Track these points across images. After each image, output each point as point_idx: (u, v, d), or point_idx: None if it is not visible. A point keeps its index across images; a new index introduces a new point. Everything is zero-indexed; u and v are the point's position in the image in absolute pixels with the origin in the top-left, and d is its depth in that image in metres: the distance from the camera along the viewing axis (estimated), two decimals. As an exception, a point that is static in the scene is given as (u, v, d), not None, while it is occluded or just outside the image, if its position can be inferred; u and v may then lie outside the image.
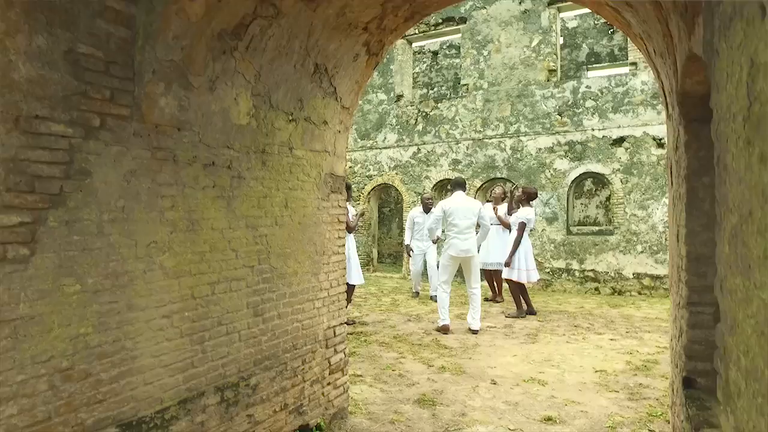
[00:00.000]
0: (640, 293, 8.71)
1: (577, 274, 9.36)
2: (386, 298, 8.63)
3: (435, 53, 15.68)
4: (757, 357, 0.75)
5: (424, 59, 15.83)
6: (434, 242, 8.14)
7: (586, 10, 13.45)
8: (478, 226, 6.25)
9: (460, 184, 6.24)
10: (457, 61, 14.45)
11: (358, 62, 3.29)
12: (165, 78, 2.21)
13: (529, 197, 7.11)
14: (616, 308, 7.55)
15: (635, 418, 3.47)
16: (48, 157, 1.79)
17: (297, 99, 3.00)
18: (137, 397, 2.08)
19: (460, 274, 10.23)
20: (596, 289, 9.13)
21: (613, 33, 12.79)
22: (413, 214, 8.64)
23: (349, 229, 6.43)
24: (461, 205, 6.05)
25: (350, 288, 6.60)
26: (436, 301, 8.17)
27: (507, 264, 6.83)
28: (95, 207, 1.95)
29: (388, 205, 16.03)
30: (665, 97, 2.43)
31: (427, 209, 8.41)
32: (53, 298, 1.80)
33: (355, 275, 6.49)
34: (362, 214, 6.55)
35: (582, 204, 12.78)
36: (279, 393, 2.87)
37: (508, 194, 8.33)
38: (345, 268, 3.48)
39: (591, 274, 9.22)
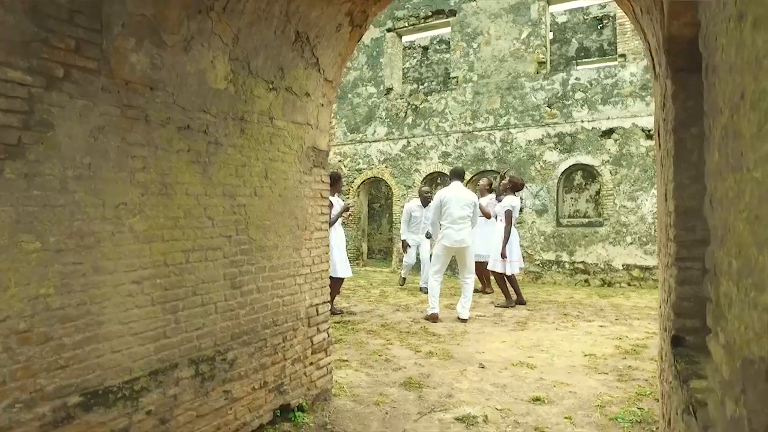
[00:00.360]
0: (629, 284, 8.70)
1: (566, 266, 9.33)
2: (375, 290, 8.55)
3: (425, 48, 15.64)
4: (750, 247, 0.68)
5: (415, 54, 15.79)
6: (427, 237, 8.05)
7: (576, 4, 13.49)
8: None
9: (458, 174, 6.17)
10: (448, 56, 14.42)
11: (341, 33, 3.21)
12: (136, 33, 2.12)
13: (514, 187, 7.02)
14: (606, 298, 7.53)
15: (624, 398, 3.41)
16: (4, 104, 1.68)
17: (278, 67, 2.91)
18: (104, 365, 1.98)
19: (451, 267, 10.18)
20: (586, 280, 9.11)
21: (602, 28, 12.82)
22: (410, 207, 8.55)
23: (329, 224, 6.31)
24: (457, 195, 5.98)
25: (338, 280, 6.51)
26: (425, 292, 8.11)
27: (503, 255, 6.73)
28: (58, 162, 1.85)
29: (378, 201, 15.95)
30: (652, 58, 2.37)
31: (425, 202, 8.31)
32: (9, 254, 1.69)
33: (342, 267, 6.39)
34: (347, 209, 6.43)
35: (572, 198, 12.78)
36: (258, 370, 2.77)
37: (496, 181, 8.25)
38: (328, 246, 3.40)
39: (581, 265, 9.20)
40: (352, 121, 12.14)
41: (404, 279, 8.82)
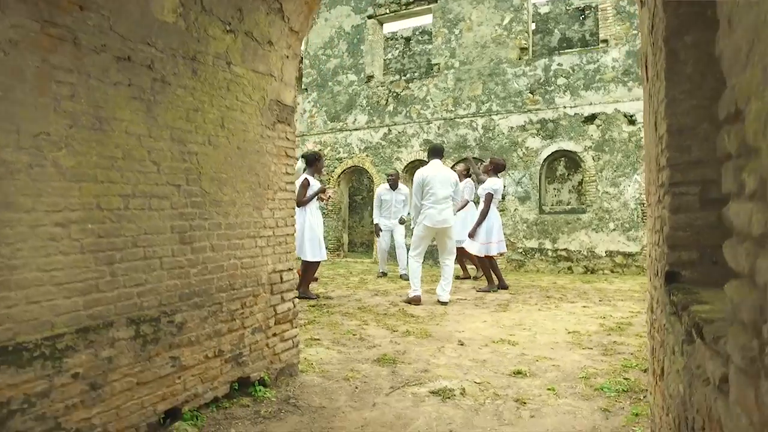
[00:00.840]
0: (612, 271, 8.60)
1: (549, 253, 9.20)
2: (354, 278, 8.30)
3: (407, 39, 15.45)
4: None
5: (397, 45, 15.58)
6: (401, 222, 7.85)
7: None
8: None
9: (437, 152, 5.93)
10: (430, 46, 14.24)
11: (307, -23, 2.97)
12: (60, -59, 1.85)
13: (496, 168, 6.85)
14: (589, 283, 7.40)
15: (609, 370, 3.23)
16: None
17: (236, 8, 2.65)
18: (15, 317, 1.70)
19: (432, 256, 9.97)
20: (569, 268, 8.99)
21: (584, 19, 12.77)
22: (380, 191, 8.37)
23: (299, 203, 6.06)
24: (439, 174, 5.75)
25: (313, 264, 6.25)
26: (405, 279, 7.89)
27: (470, 235, 6.56)
28: (-43, 74, 1.57)
29: (360, 193, 15.70)
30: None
31: (393, 186, 8.15)
32: None
33: (317, 251, 6.12)
34: (323, 190, 6.17)
35: (555, 189, 12.69)
36: (212, 337, 2.51)
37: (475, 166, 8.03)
38: (294, 208, 3.15)
39: (564, 253, 9.08)
40: (333, 110, 11.88)
41: (384, 273, 8.58)
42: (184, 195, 2.37)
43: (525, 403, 2.71)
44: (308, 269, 6.26)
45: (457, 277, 7.93)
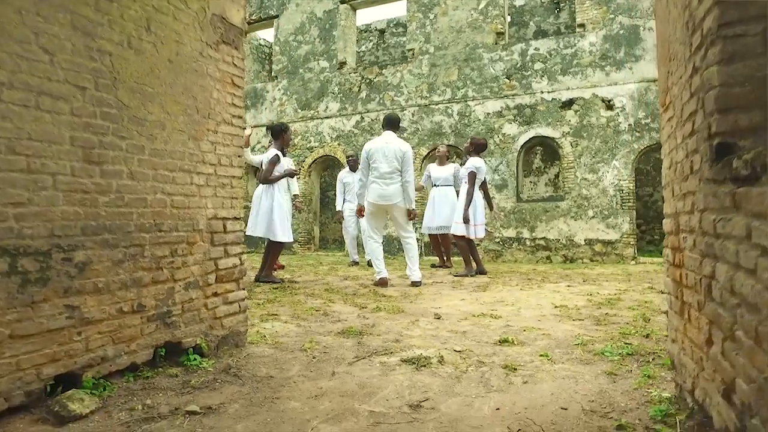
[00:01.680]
0: (592, 260, 8.33)
1: (527, 243, 8.89)
2: (324, 267, 7.79)
3: (382, 32, 15.11)
4: None
5: (371, 38, 15.23)
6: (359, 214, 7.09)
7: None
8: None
9: (391, 122, 5.39)
10: (405, 39, 13.92)
11: None
12: None
13: (477, 148, 6.50)
14: (570, 270, 7.08)
15: (606, 337, 2.83)
16: None
17: None
18: None
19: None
20: (548, 257, 8.68)
21: (559, 11, 12.66)
22: (341, 175, 7.97)
23: (265, 180, 5.57)
24: (385, 146, 5.23)
25: (278, 245, 5.74)
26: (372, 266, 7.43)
27: (465, 220, 6.13)
28: None
29: (333, 188, 15.19)
30: None
31: (353, 168, 7.74)
32: None
33: (284, 232, 5.62)
34: (292, 174, 5.70)
35: (531, 183, 12.46)
36: (129, 286, 2.00)
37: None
38: (242, 147, 2.66)
39: (542, 242, 8.77)
40: (303, 98, 11.38)
41: (355, 262, 8.10)
42: (92, 102, 1.86)
43: (515, 369, 2.27)
44: (274, 250, 5.74)
45: (432, 266, 7.50)
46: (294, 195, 6.79)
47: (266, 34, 14.45)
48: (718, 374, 1.16)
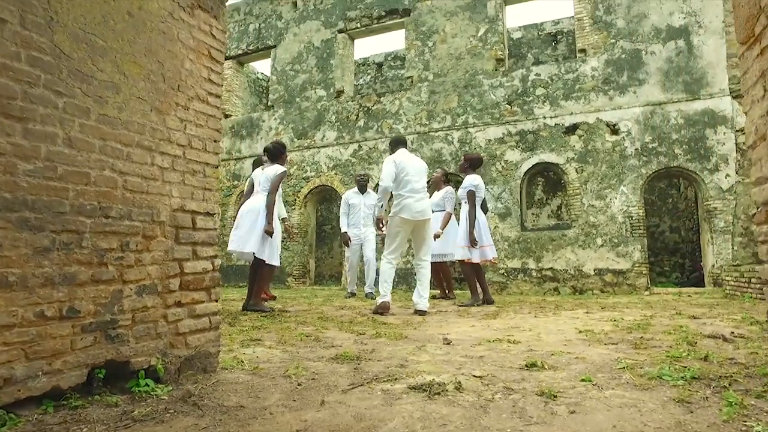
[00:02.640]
0: (602, 291, 7.83)
1: (534, 273, 8.40)
2: (319, 299, 7.25)
3: (380, 65, 15.13)
4: None
5: (369, 71, 15.23)
6: (379, 226, 6.73)
7: (531, 21, 13.36)
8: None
9: (401, 142, 5.16)
10: (403, 71, 13.90)
11: None
12: None
13: (472, 164, 6.06)
14: (582, 300, 6.58)
15: (655, 360, 2.34)
16: None
17: None
18: None
19: (406, 281, 9.06)
20: (555, 289, 8.18)
21: (556, 44, 12.68)
22: (347, 195, 7.49)
23: (270, 195, 5.12)
24: (413, 161, 4.98)
25: (269, 269, 5.25)
26: (372, 298, 6.91)
27: (473, 243, 5.68)
28: None
29: (329, 222, 14.78)
30: None
31: (362, 189, 7.34)
32: None
33: (273, 252, 5.13)
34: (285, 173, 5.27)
35: (533, 214, 12.10)
36: (57, 284, 1.53)
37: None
38: (218, 131, 2.24)
39: (549, 272, 8.29)
40: (300, 126, 11.14)
41: (352, 294, 7.57)
42: (15, 41, 1.46)
43: (555, 396, 1.78)
44: (265, 275, 5.24)
45: (433, 297, 6.98)
46: (282, 218, 6.33)
47: (263, 67, 14.41)
48: None
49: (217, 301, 2.19)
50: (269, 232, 4.96)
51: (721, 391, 1.76)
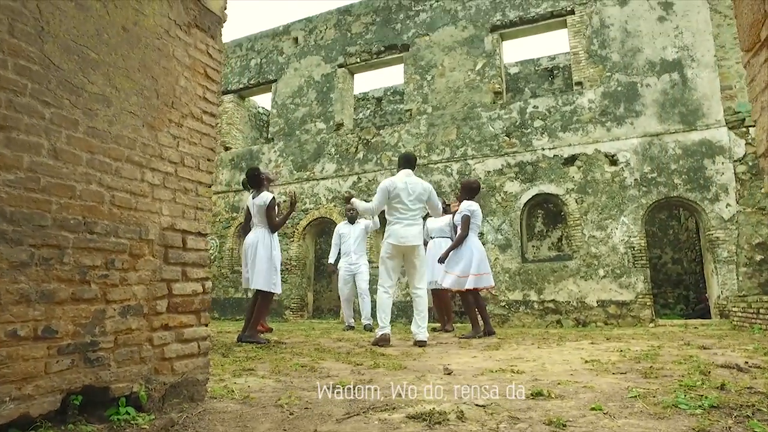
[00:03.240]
0: (606, 323, 7.65)
1: (536, 306, 8.24)
2: (316, 332, 7.08)
3: (379, 99, 15.37)
4: None
5: (368, 105, 15.46)
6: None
7: (527, 56, 13.69)
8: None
9: (408, 161, 5.08)
10: (402, 106, 14.11)
11: None
12: None
13: (470, 191, 6.01)
14: (586, 332, 6.41)
15: (667, 390, 2.22)
16: None
17: None
18: None
19: (406, 314, 8.88)
20: (558, 321, 8.00)
21: (553, 78, 12.92)
22: (339, 227, 7.51)
23: (276, 226, 5.09)
24: (408, 185, 4.90)
25: (268, 298, 5.14)
26: (370, 330, 6.75)
27: (440, 260, 5.62)
28: None
29: (328, 255, 14.64)
30: None
31: (351, 220, 7.34)
32: None
33: (276, 281, 5.04)
34: (292, 201, 5.25)
35: (534, 246, 12.02)
36: (34, 301, 1.44)
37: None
38: (212, 150, 2.19)
39: (551, 305, 8.13)
40: (299, 159, 11.19)
41: (350, 327, 7.42)
42: (2, 47, 1.43)
43: (564, 425, 1.66)
44: (265, 304, 5.14)
45: (434, 329, 6.82)
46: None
47: (263, 101, 14.62)
48: None
49: (207, 325, 2.08)
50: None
51: (744, 420, 1.64)
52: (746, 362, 2.99)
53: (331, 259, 7.41)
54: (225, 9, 2.35)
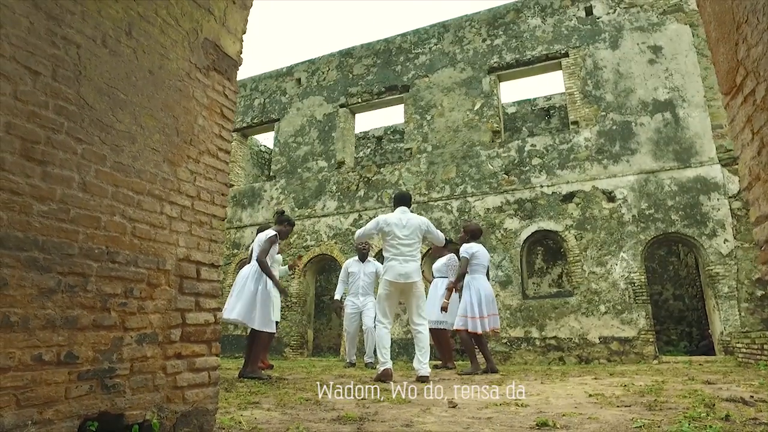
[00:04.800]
0: (609, 360, 7.59)
1: (537, 342, 8.18)
2: (317, 369, 7.01)
3: (379, 138, 15.71)
4: None
5: (368, 144, 15.78)
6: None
7: (524, 97, 14.10)
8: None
9: (403, 199, 5.21)
10: (402, 144, 14.42)
11: None
12: None
13: (472, 235, 6.14)
14: (590, 368, 6.37)
15: (671, 421, 2.24)
16: None
17: None
18: None
19: (407, 351, 8.80)
20: (560, 358, 7.93)
21: (549, 118, 13.27)
22: (347, 263, 7.50)
23: (261, 262, 5.10)
24: (403, 221, 4.99)
25: (265, 336, 5.13)
26: (372, 368, 6.69)
27: (442, 308, 5.67)
28: None
29: (328, 293, 14.60)
30: None
31: (362, 257, 7.35)
32: None
33: (261, 318, 4.99)
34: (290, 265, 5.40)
35: (534, 283, 12.02)
36: (59, 327, 1.51)
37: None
38: (227, 185, 2.30)
39: (553, 341, 8.08)
40: (301, 196, 11.34)
41: (351, 363, 7.36)
42: (45, 91, 1.55)
43: (570, 452, 1.69)
44: (261, 342, 5.12)
45: (435, 367, 6.76)
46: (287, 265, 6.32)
47: (266, 140, 14.95)
48: None
49: (217, 355, 2.13)
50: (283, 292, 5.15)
51: (745, 445, 1.67)
52: (751, 396, 3.00)
53: (338, 296, 7.35)
54: (240, 53, 2.51)
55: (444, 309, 5.75)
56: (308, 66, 12.33)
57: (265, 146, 15.32)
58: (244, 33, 2.53)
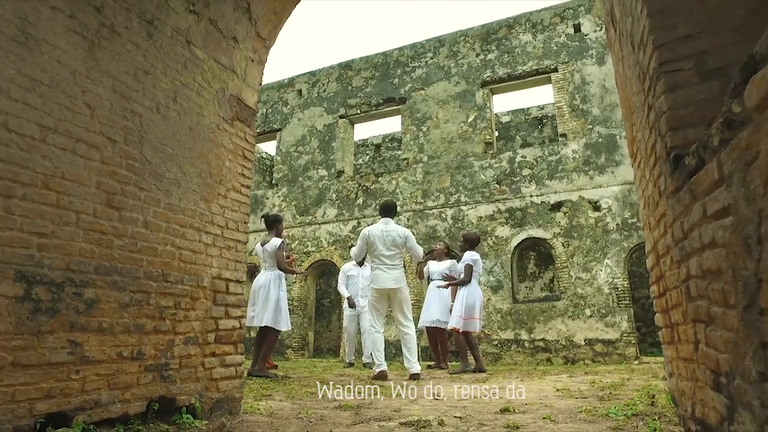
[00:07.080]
0: (594, 360, 8.10)
1: (526, 344, 8.69)
2: (318, 369, 7.52)
3: (378, 146, 16.20)
4: None
5: (367, 152, 16.27)
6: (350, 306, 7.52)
7: (518, 106, 14.61)
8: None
9: (387, 209, 5.64)
10: (400, 152, 14.93)
11: (278, -14, 3.01)
12: None
13: (471, 243, 6.68)
14: (571, 368, 6.87)
15: (611, 407, 2.74)
16: None
17: (202, -5, 2.60)
18: None
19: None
20: (548, 359, 8.44)
21: (542, 127, 13.78)
22: (346, 267, 7.99)
23: (285, 269, 5.67)
24: (384, 233, 5.44)
25: (275, 335, 5.65)
26: (370, 368, 7.18)
27: (450, 289, 6.20)
28: None
29: (328, 296, 15.11)
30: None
31: (360, 262, 7.85)
32: None
33: (285, 320, 5.55)
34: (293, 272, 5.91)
35: (526, 287, 12.52)
36: (132, 331, 2.02)
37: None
38: (248, 215, 2.81)
39: (541, 343, 8.59)
40: (302, 204, 11.85)
41: (350, 363, 7.87)
42: (120, 154, 2.06)
43: (517, 428, 2.20)
44: (271, 340, 5.63)
45: (429, 366, 7.26)
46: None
47: (268, 147, 15.46)
48: (707, 367, 1.20)
49: (242, 354, 2.64)
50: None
51: (651, 422, 2.18)
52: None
53: (346, 294, 7.80)
54: (257, 103, 3.02)
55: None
56: (309, 78, 12.86)
57: (266, 153, 15.83)
58: (260, 84, 3.05)
